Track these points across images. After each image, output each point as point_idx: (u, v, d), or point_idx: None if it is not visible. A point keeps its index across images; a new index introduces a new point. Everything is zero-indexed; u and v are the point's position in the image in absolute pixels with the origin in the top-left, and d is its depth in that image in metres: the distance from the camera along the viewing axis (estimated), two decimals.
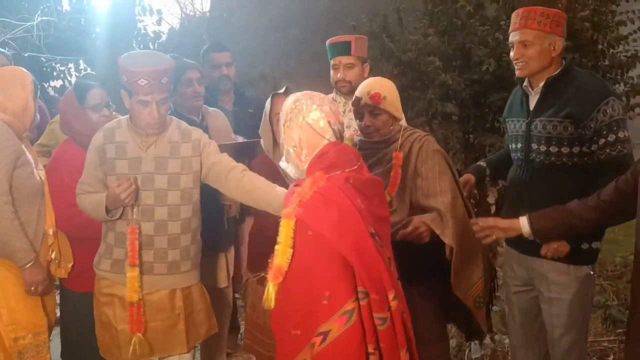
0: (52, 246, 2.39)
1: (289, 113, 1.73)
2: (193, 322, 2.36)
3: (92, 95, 2.50)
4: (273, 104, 2.36)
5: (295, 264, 1.58)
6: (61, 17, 5.73)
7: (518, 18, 2.29)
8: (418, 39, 6.58)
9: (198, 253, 2.39)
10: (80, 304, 2.48)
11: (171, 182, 2.25)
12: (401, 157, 2.24)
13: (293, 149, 1.72)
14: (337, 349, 1.53)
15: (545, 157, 2.28)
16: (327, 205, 1.59)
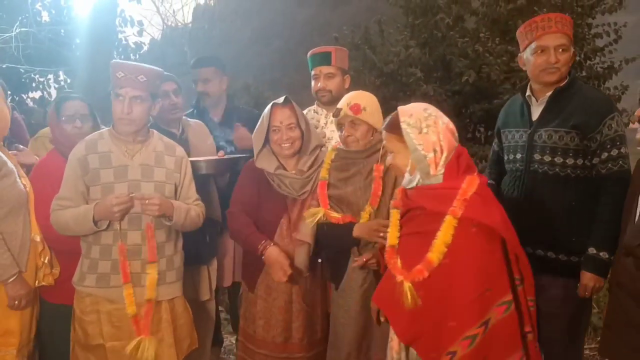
0: (42, 252, 2.35)
1: (424, 120, 1.74)
2: (177, 336, 2.32)
3: (66, 107, 2.51)
4: (272, 113, 2.38)
5: (451, 259, 1.66)
6: (40, 28, 5.66)
7: (553, 22, 2.24)
8: (399, 51, 6.64)
9: (181, 264, 2.38)
10: (57, 315, 2.42)
11: (157, 190, 2.23)
12: (382, 169, 2.24)
13: (433, 153, 1.72)
14: (497, 334, 1.66)
15: (550, 167, 2.25)
16: (487, 203, 1.71)
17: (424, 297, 1.69)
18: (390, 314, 1.81)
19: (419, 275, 1.69)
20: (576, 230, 2.22)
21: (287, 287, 2.39)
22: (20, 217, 2.30)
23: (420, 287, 1.69)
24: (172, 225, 2.24)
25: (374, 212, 2.25)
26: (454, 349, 1.65)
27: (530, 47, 2.29)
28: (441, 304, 1.69)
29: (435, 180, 1.76)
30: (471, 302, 1.64)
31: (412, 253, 1.75)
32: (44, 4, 6.13)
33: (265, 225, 2.41)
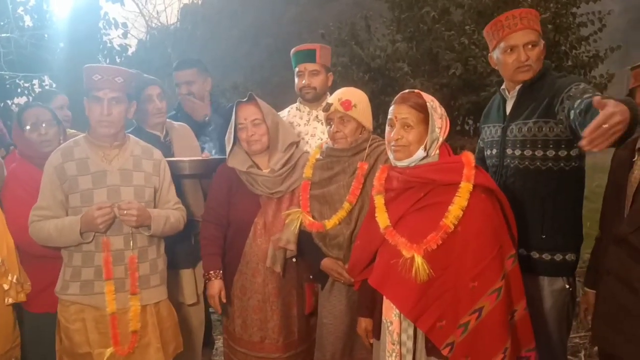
0: (6, 272, 2.27)
1: (439, 107, 1.90)
2: (163, 340, 2.31)
3: (28, 115, 2.49)
4: (237, 111, 2.40)
5: (464, 225, 1.77)
6: (22, 33, 5.61)
7: (518, 19, 2.19)
8: (386, 46, 6.65)
9: (165, 268, 2.37)
10: (42, 325, 2.38)
11: (137, 194, 2.24)
12: (366, 167, 2.23)
13: (442, 137, 1.89)
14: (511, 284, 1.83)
15: (520, 161, 2.23)
16: (485, 172, 1.92)
17: (433, 268, 1.76)
18: (393, 293, 1.84)
19: (433, 243, 1.76)
20: (547, 227, 2.20)
21: (261, 287, 2.38)
22: None
23: (429, 259, 1.76)
24: (151, 234, 2.23)
25: (351, 209, 2.23)
26: (480, 306, 1.75)
27: (499, 47, 2.25)
28: (453, 271, 1.78)
29: (432, 159, 1.89)
30: (492, 260, 1.77)
31: (416, 229, 1.82)
32: (26, 8, 6.09)
33: (239, 225, 2.40)
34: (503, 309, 1.77)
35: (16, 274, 2.29)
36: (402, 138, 1.87)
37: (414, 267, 1.76)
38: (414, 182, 1.88)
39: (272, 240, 2.31)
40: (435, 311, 1.79)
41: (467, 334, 1.77)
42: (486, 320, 1.76)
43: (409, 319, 1.82)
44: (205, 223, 2.47)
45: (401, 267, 1.79)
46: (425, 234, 1.79)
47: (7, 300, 2.26)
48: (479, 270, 1.76)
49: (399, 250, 1.81)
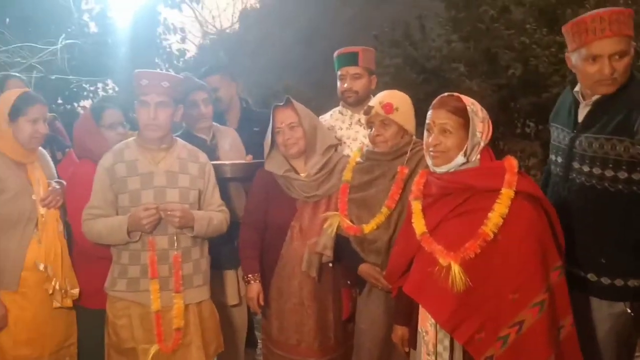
0: (52, 277, 2.35)
1: (481, 111, 1.84)
2: (204, 339, 2.36)
3: (108, 115, 2.55)
4: (274, 115, 2.41)
5: (505, 234, 1.70)
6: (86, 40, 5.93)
7: (606, 23, 1.87)
8: (442, 46, 6.52)
9: (208, 268, 2.42)
10: (98, 321, 2.45)
11: (182, 196, 2.30)
12: (406, 172, 2.19)
13: (483, 142, 1.83)
14: (557, 297, 1.75)
15: (587, 178, 2.00)
16: (530, 179, 1.84)
17: (471, 277, 1.70)
18: (429, 302, 1.80)
19: (471, 251, 1.70)
20: (609, 251, 2.00)
21: (297, 290, 2.38)
22: (16, 235, 2.32)
23: (467, 268, 1.70)
24: (194, 235, 2.28)
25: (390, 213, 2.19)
26: (521, 319, 1.68)
27: (580, 52, 1.96)
28: (492, 281, 1.71)
29: (472, 164, 1.82)
30: (535, 270, 1.69)
31: (453, 236, 1.76)
32: (92, 15, 6.44)
33: (276, 228, 2.41)
34: (546, 323, 1.69)
35: (59, 280, 2.35)
36: (440, 144, 1.81)
37: (450, 276, 1.70)
38: (453, 188, 1.82)
39: (308, 244, 2.31)
40: (474, 323, 1.72)
41: (507, 348, 1.69)
42: (528, 334, 1.68)
43: (445, 329, 1.76)
44: (244, 226, 2.50)
45: (437, 276, 1.73)
46: (463, 242, 1.73)
47: (54, 303, 2.35)
48: (520, 281, 1.69)
49: (436, 258, 1.76)
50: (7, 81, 3.19)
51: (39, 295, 2.33)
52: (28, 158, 2.40)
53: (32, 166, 2.41)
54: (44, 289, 2.33)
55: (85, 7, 6.49)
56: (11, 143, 2.33)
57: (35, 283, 2.33)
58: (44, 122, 2.40)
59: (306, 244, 2.31)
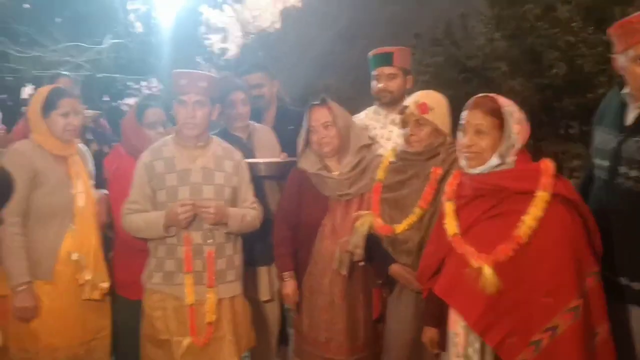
0: (84, 269, 2.41)
1: (517, 111, 1.81)
2: (236, 334, 2.39)
3: (149, 114, 2.64)
4: (309, 114, 2.43)
5: (539, 237, 1.68)
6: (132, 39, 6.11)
7: None
8: (484, 44, 6.41)
9: (241, 264, 2.46)
10: (135, 311, 2.49)
11: (217, 193, 2.35)
12: (440, 172, 2.16)
13: (520, 143, 1.80)
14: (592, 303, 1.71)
15: (635, 184, 1.93)
16: (567, 182, 1.79)
17: (503, 280, 1.68)
18: (460, 304, 1.79)
19: (504, 254, 1.68)
20: None
21: (328, 289, 2.39)
22: (53, 227, 2.38)
23: (500, 270, 1.68)
24: (227, 231, 2.33)
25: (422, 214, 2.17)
26: (554, 324, 1.65)
27: (627, 54, 1.90)
28: (525, 285, 1.69)
29: (507, 166, 1.79)
30: (570, 275, 1.66)
31: (486, 238, 1.75)
32: (137, 15, 6.63)
33: (308, 226, 2.43)
34: (580, 329, 1.65)
35: (92, 273, 2.41)
36: (474, 145, 1.79)
37: (481, 279, 1.68)
38: (487, 189, 1.80)
39: (339, 243, 2.32)
40: (505, 326, 1.70)
41: (539, 353, 1.66)
42: (561, 339, 1.65)
43: (476, 332, 1.74)
44: (278, 223, 2.53)
45: (468, 278, 1.72)
46: (495, 245, 1.71)
47: (83, 295, 2.41)
48: (554, 285, 1.66)
49: (467, 260, 1.74)
50: (57, 79, 3.34)
51: (71, 286, 2.39)
52: (66, 151, 2.46)
53: (72, 160, 2.47)
54: (75, 281, 2.39)
55: (131, 7, 6.72)
56: (48, 137, 2.40)
57: (67, 275, 2.39)
58: (76, 115, 2.45)
59: (337, 242, 2.32)
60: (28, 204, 2.33)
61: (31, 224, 2.35)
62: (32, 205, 2.34)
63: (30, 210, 2.34)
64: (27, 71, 5.52)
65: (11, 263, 2.29)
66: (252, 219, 2.41)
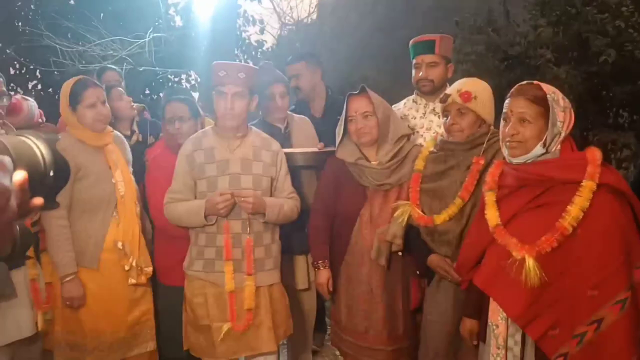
0: (129, 256, 2.47)
1: (562, 99, 1.78)
2: (274, 321, 2.42)
3: (167, 110, 2.71)
4: (348, 103, 2.41)
5: (585, 227, 1.64)
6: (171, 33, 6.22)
7: None
8: (527, 31, 6.19)
9: (279, 253, 2.48)
10: (174, 297, 2.56)
11: (255, 182, 2.36)
12: (482, 163, 2.10)
13: (565, 132, 1.76)
14: None
15: None
16: (615, 171, 1.74)
17: (546, 272, 1.64)
18: (500, 296, 1.75)
19: (547, 246, 1.64)
20: None
21: (366, 278, 2.37)
22: (98, 217, 2.45)
23: (543, 262, 1.64)
24: (265, 221, 2.35)
25: (463, 205, 2.12)
26: (599, 317, 1.61)
27: None
28: (570, 277, 1.65)
29: (552, 155, 1.75)
30: (617, 267, 1.61)
31: (529, 229, 1.71)
32: (177, 9, 6.74)
33: (346, 215, 2.41)
34: (628, 323, 1.59)
35: (136, 258, 2.48)
36: (518, 134, 1.75)
37: (524, 270, 1.64)
38: (530, 179, 1.75)
39: (377, 233, 2.29)
40: (548, 319, 1.66)
41: (583, 346, 1.62)
42: (607, 333, 1.59)
43: (517, 324, 1.71)
44: (314, 212, 2.53)
45: (510, 269, 1.68)
46: (539, 235, 1.66)
47: (130, 280, 2.49)
48: (601, 278, 1.60)
49: (509, 251, 1.70)
50: (104, 73, 3.43)
51: (116, 273, 2.47)
52: (102, 141, 2.51)
53: (108, 149, 2.52)
54: (120, 268, 2.47)
55: (172, 1, 6.83)
56: (82, 130, 2.47)
57: (113, 262, 2.46)
58: (104, 104, 2.48)
59: (376, 232, 2.30)
60: (72, 197, 2.40)
61: (76, 215, 2.43)
62: (76, 198, 2.41)
63: (74, 202, 2.41)
64: (73, 65, 5.72)
65: (58, 255, 2.38)
66: (290, 209, 2.42)
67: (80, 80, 2.51)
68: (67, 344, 2.45)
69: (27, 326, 2.36)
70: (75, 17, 6.50)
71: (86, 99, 2.44)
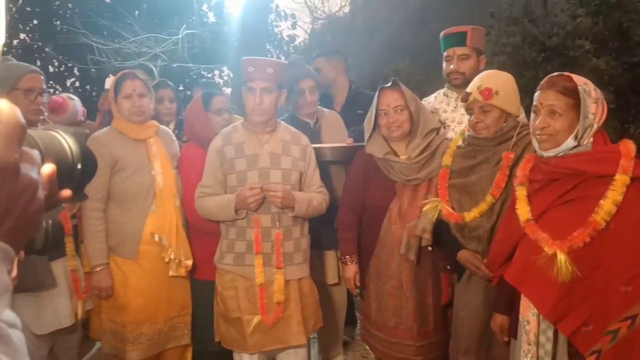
0: (168, 247, 2.51)
1: (594, 90, 1.74)
2: (304, 315, 2.44)
3: (216, 101, 2.73)
4: (380, 97, 2.38)
5: (618, 222, 1.60)
6: (204, 29, 6.29)
7: None
8: (565, 22, 6.02)
9: (308, 247, 2.50)
10: (207, 291, 2.59)
11: (284, 177, 2.37)
12: (512, 158, 2.05)
13: (597, 124, 1.72)
14: None
15: None
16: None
17: (579, 267, 1.61)
18: (532, 291, 1.73)
19: (579, 241, 1.61)
20: None
21: (396, 273, 2.36)
22: (136, 209, 2.49)
23: (575, 257, 1.61)
24: (294, 215, 2.36)
25: (494, 202, 2.08)
26: (634, 313, 1.57)
27: None
28: (602, 272, 1.61)
29: (584, 148, 1.71)
30: (636, 263, 1.57)
31: (561, 224, 1.68)
32: (210, 5, 6.80)
33: (375, 210, 2.40)
34: None
35: (174, 251, 2.52)
36: (548, 126, 1.71)
37: (555, 266, 1.61)
38: (561, 173, 1.71)
39: (407, 227, 2.27)
40: (581, 315, 1.63)
41: (616, 342, 1.58)
42: None
43: (549, 320, 1.68)
44: (342, 207, 2.53)
45: (541, 265, 1.64)
46: (570, 230, 1.63)
47: (170, 272, 2.53)
48: (634, 273, 1.56)
49: (540, 246, 1.67)
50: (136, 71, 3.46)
51: (155, 265, 2.51)
52: (142, 133, 2.55)
53: (150, 142, 2.56)
54: (160, 260, 2.50)
55: None
56: (122, 122, 2.52)
57: (152, 254, 2.51)
58: (140, 97, 2.51)
59: (405, 227, 2.28)
60: (110, 189, 2.46)
61: (115, 206, 2.48)
62: (115, 189, 2.47)
63: (113, 194, 2.47)
64: (110, 63, 5.86)
65: (91, 246, 2.44)
66: (319, 203, 2.42)
67: (125, 72, 2.59)
68: (111, 332, 2.53)
69: (66, 316, 2.43)
70: (111, 15, 6.65)
71: (123, 90, 2.51)
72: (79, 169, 0.65)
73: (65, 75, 7.76)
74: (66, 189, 0.62)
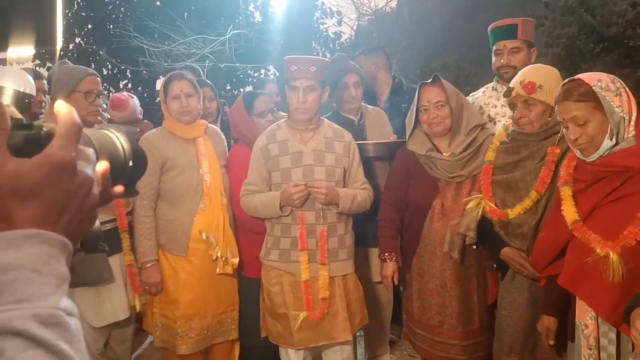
0: (215, 247, 2.55)
1: (612, 83, 1.71)
2: (350, 311, 2.44)
3: (258, 103, 2.74)
4: (420, 93, 2.35)
5: None
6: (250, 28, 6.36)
7: None
8: (625, 10, 5.75)
9: (352, 244, 2.49)
10: (254, 288, 2.64)
11: (328, 173, 2.38)
12: (558, 153, 1.99)
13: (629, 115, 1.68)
14: None
15: None
16: None
17: (635, 266, 1.56)
18: (588, 295, 1.68)
19: (631, 239, 1.55)
20: None
21: (439, 272, 2.32)
22: (184, 207, 2.54)
23: (629, 256, 1.56)
24: (339, 211, 2.36)
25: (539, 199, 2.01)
26: None
27: None
28: None
29: (627, 144, 1.65)
30: None
31: (611, 223, 1.62)
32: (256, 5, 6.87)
33: (417, 208, 2.37)
34: None
35: (221, 249, 2.56)
36: (580, 136, 1.65)
37: (609, 267, 1.55)
38: (607, 172, 1.65)
39: (450, 225, 2.24)
40: None
41: None
42: None
43: (609, 323, 1.62)
44: (384, 204, 2.51)
45: (594, 266, 1.59)
46: (621, 229, 1.57)
47: (217, 270, 2.57)
48: None
49: (591, 248, 1.61)
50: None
51: (204, 262, 2.57)
52: (191, 133, 2.60)
53: (199, 141, 2.62)
54: (208, 257, 2.56)
55: None
56: (172, 122, 2.59)
57: (201, 251, 2.56)
58: (187, 97, 2.54)
59: (448, 224, 2.25)
60: (160, 187, 2.53)
61: (166, 204, 2.56)
62: (164, 187, 2.54)
63: (163, 192, 2.54)
64: (160, 64, 6.02)
65: (141, 242, 2.52)
66: (363, 200, 2.41)
67: (173, 73, 2.66)
68: (162, 326, 2.61)
69: (122, 309, 2.52)
70: (161, 18, 6.84)
71: (171, 91, 2.57)
72: (131, 166, 0.68)
73: (118, 77, 8.03)
74: (118, 185, 0.66)
